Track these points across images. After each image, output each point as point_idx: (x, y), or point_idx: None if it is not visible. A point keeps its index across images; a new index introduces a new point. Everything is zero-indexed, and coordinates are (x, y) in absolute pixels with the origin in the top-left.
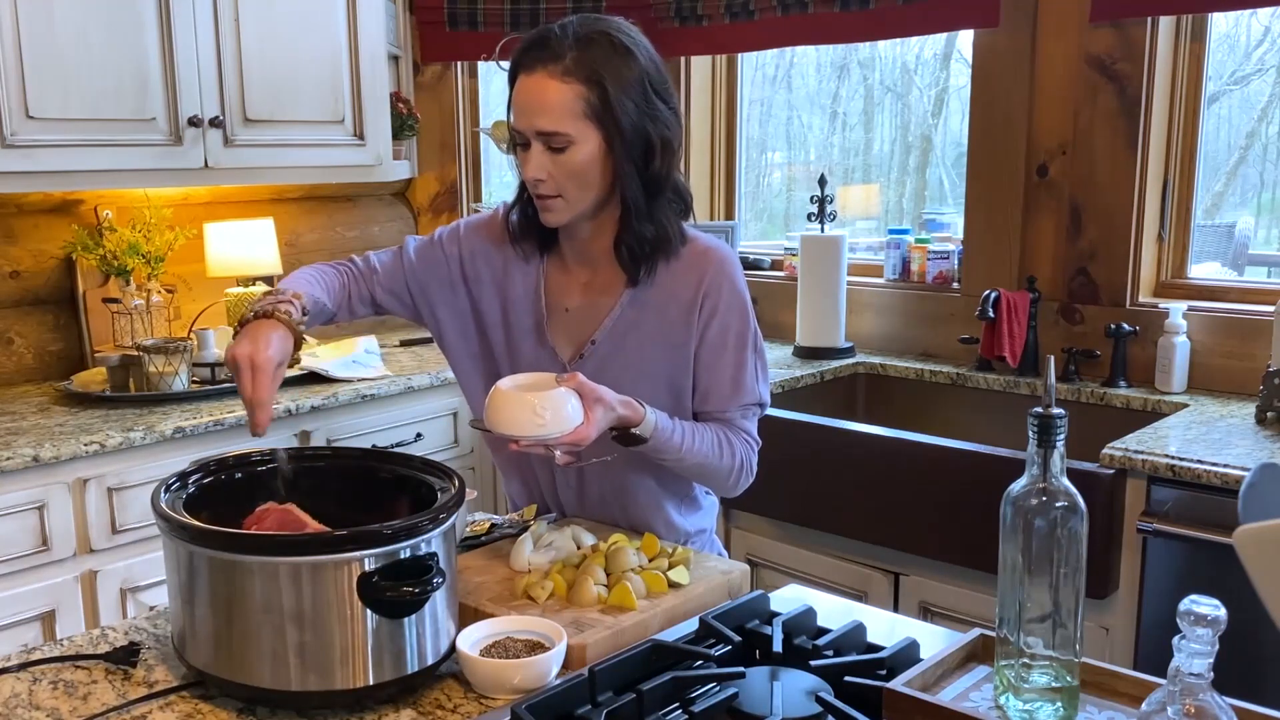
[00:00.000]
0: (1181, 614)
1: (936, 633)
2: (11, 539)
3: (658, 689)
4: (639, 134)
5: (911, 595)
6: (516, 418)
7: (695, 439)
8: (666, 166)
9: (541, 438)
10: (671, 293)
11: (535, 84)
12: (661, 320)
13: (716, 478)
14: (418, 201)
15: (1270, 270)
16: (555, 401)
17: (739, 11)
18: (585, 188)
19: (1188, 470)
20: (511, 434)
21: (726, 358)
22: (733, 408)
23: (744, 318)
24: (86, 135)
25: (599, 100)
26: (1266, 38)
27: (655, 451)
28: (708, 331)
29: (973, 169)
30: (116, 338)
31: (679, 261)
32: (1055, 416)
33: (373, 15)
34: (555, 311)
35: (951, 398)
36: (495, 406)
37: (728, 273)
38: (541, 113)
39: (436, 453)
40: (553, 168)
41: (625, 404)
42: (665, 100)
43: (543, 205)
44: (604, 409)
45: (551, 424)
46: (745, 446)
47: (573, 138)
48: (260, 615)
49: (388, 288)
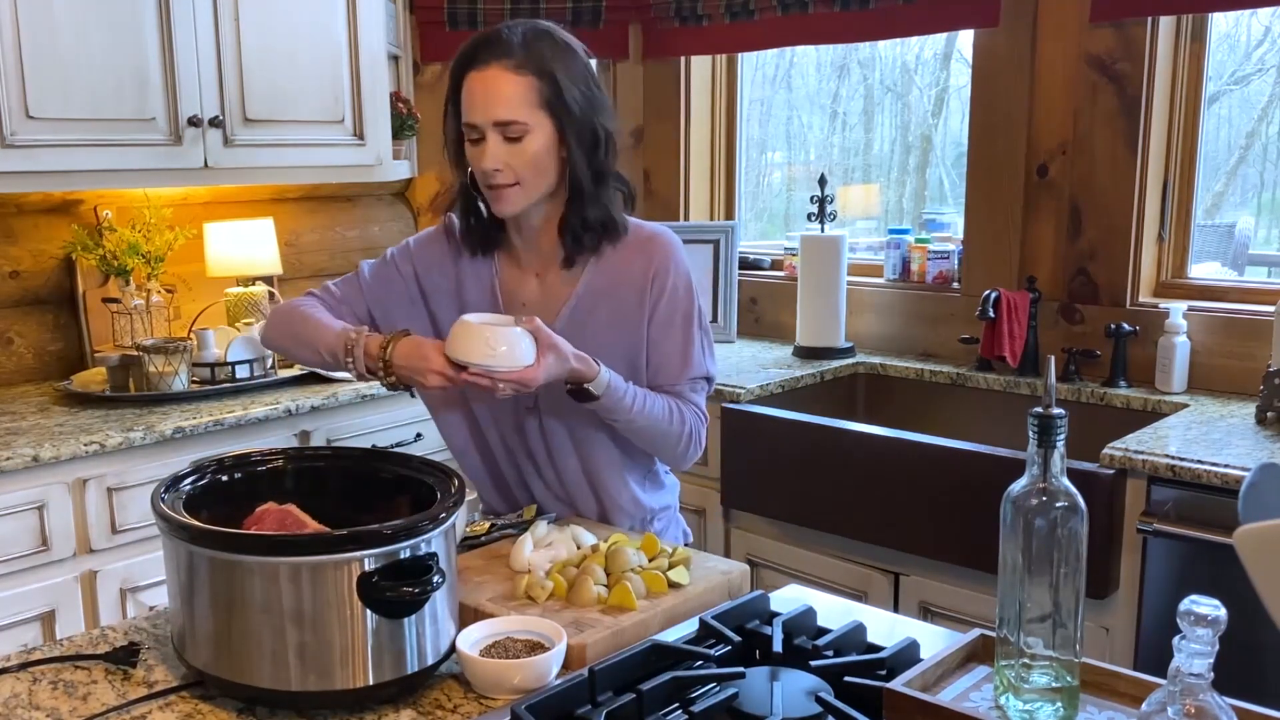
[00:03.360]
0: (1181, 614)
1: (936, 633)
2: (11, 539)
3: (658, 689)
4: (587, 123)
5: (911, 595)
6: (470, 346)
7: (646, 402)
8: (612, 156)
9: (489, 368)
10: (623, 277)
11: (490, 77)
12: (616, 304)
13: (666, 444)
14: (418, 201)
15: (1270, 270)
16: (509, 337)
17: (739, 11)
18: (541, 174)
19: (1188, 470)
20: (465, 359)
21: (675, 335)
22: (682, 381)
23: (689, 297)
24: (86, 135)
25: (551, 91)
26: (1266, 38)
27: (607, 411)
28: (657, 310)
29: (973, 169)
30: (116, 338)
31: (627, 248)
32: (1055, 416)
33: (373, 15)
34: (513, 308)
35: (951, 398)
36: (454, 335)
37: (674, 255)
38: (499, 103)
39: (436, 453)
40: (509, 157)
41: (579, 358)
42: (603, 94)
43: (497, 195)
44: (556, 356)
45: (503, 357)
46: (695, 418)
47: (529, 126)
48: (260, 615)
49: (352, 313)
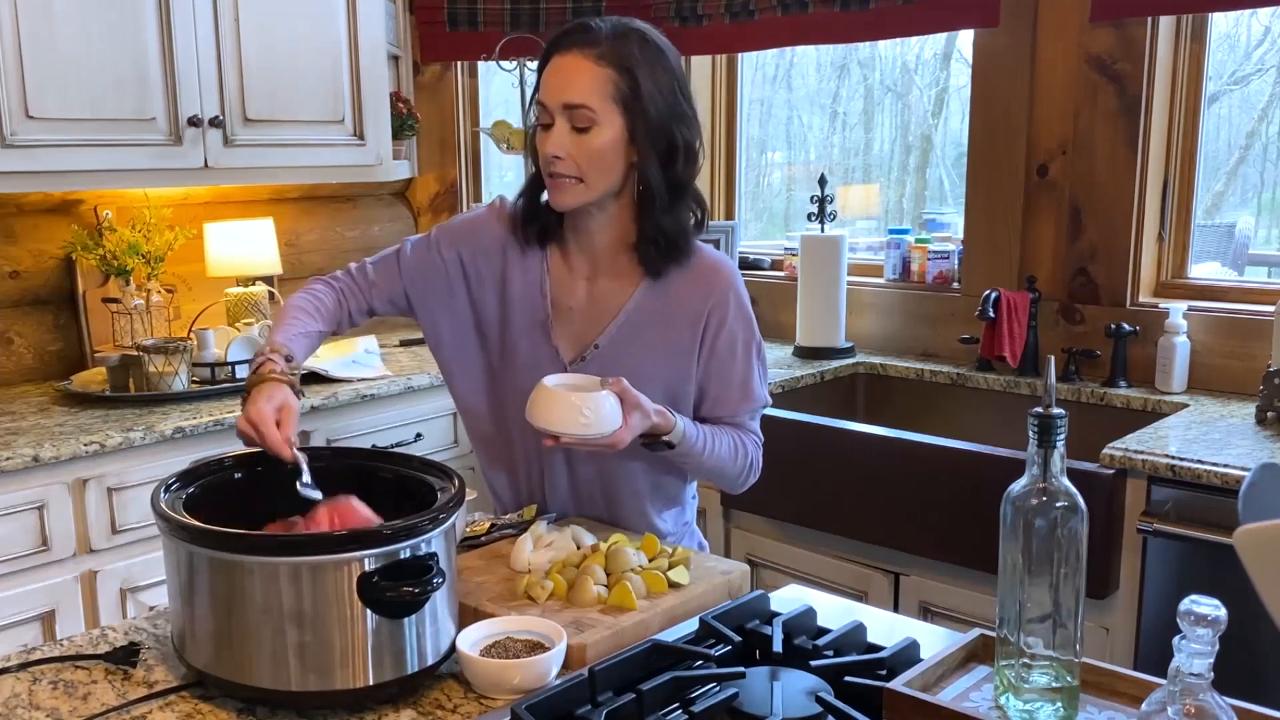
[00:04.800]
0: (1181, 614)
1: (936, 633)
2: (11, 539)
3: (658, 689)
4: (664, 130)
5: (911, 595)
6: (562, 416)
7: (716, 444)
8: (690, 170)
9: (583, 437)
10: (679, 303)
11: (569, 62)
12: (666, 329)
13: (727, 478)
14: (418, 201)
15: (1270, 270)
16: (599, 403)
17: (739, 11)
18: (602, 172)
19: (1188, 470)
20: (555, 430)
21: (736, 367)
22: (742, 411)
23: (749, 329)
24: (86, 135)
25: (629, 88)
26: (1266, 38)
27: (679, 457)
28: (717, 344)
29: (973, 169)
30: (116, 338)
31: (688, 272)
32: (1055, 416)
33: (373, 15)
34: (560, 309)
35: (951, 398)
36: (541, 402)
37: (735, 288)
38: (571, 87)
39: (436, 453)
40: (573, 147)
41: (659, 413)
42: (690, 105)
43: (556, 185)
44: (641, 416)
45: (594, 424)
46: (755, 447)
47: (597, 117)
48: (260, 615)
49: (385, 297)
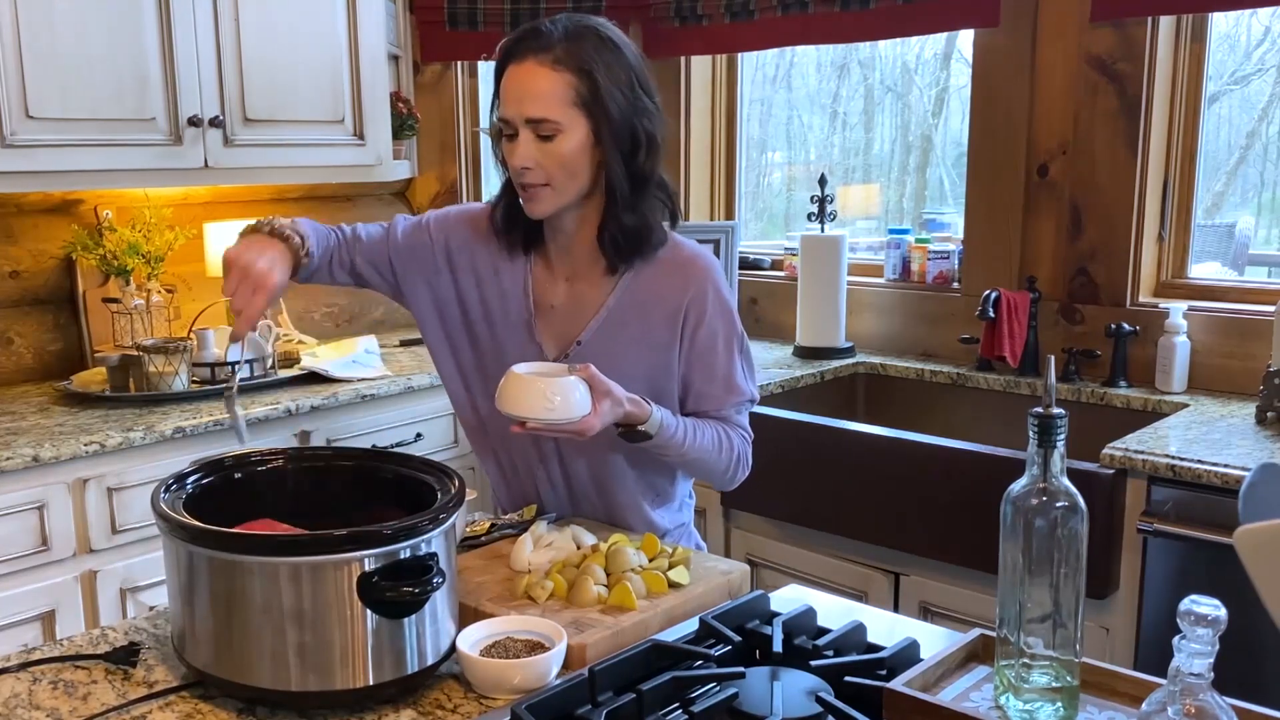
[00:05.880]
0: (1181, 614)
1: (936, 633)
2: (11, 539)
3: (658, 689)
4: (626, 126)
5: (911, 595)
6: (527, 400)
7: (697, 436)
8: (652, 162)
9: (549, 422)
10: (657, 296)
11: (526, 72)
12: (646, 323)
13: (714, 472)
14: (418, 201)
15: (1270, 270)
16: (565, 389)
17: (739, 11)
18: (572, 177)
19: (1188, 470)
20: (522, 415)
21: (718, 361)
22: (727, 405)
23: (730, 322)
24: (86, 135)
25: (588, 90)
26: (1266, 38)
27: (659, 448)
28: (697, 337)
29: (973, 169)
30: (116, 338)
31: (664, 267)
32: (1055, 416)
33: (373, 15)
34: (542, 308)
35: (951, 398)
36: (507, 388)
37: (713, 280)
38: (531, 99)
39: (436, 453)
40: (540, 156)
41: (633, 401)
42: (650, 96)
43: (529, 195)
44: (611, 403)
45: (560, 409)
46: (741, 441)
47: (561, 125)
48: (260, 615)
49: (369, 258)
